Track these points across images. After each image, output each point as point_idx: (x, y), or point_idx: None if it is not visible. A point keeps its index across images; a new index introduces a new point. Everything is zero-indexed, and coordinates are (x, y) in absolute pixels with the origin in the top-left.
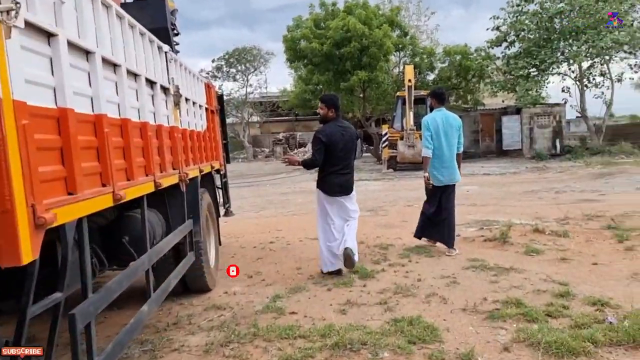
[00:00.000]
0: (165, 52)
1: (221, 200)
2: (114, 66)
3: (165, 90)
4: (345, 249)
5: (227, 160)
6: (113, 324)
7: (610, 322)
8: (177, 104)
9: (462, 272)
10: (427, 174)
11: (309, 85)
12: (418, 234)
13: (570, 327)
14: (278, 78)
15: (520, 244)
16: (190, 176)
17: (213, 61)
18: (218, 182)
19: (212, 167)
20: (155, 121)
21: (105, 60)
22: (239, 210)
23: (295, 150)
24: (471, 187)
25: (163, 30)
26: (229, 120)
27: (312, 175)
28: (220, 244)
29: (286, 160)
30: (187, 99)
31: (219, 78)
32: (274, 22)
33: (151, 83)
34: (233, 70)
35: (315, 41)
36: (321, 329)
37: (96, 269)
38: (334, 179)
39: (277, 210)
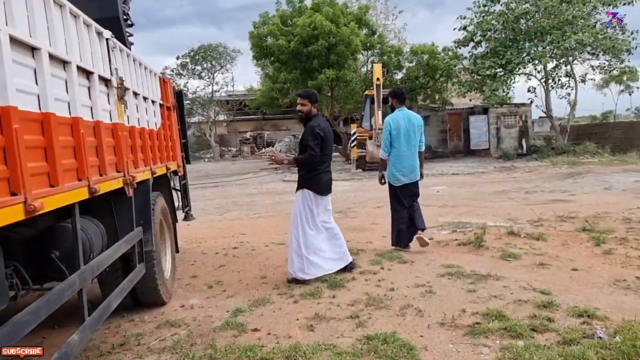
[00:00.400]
0: (107, 39)
1: (180, 203)
2: (32, 49)
3: (106, 82)
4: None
5: (187, 160)
6: (53, 346)
7: (600, 338)
8: (121, 98)
9: (438, 280)
10: (381, 174)
11: (276, 83)
12: (396, 244)
13: (558, 344)
14: (245, 77)
15: (495, 248)
16: (140, 179)
17: (178, 58)
18: (177, 184)
19: (168, 169)
20: (92, 117)
21: (16, 41)
22: (202, 213)
23: (263, 150)
24: (441, 188)
25: (114, 20)
26: (194, 119)
27: (279, 175)
28: (177, 251)
29: (272, 158)
30: (136, 94)
31: (184, 76)
32: (241, 20)
33: (86, 73)
34: (199, 67)
35: (282, 38)
36: (286, 349)
37: (18, 290)
38: (325, 176)
39: (243, 212)
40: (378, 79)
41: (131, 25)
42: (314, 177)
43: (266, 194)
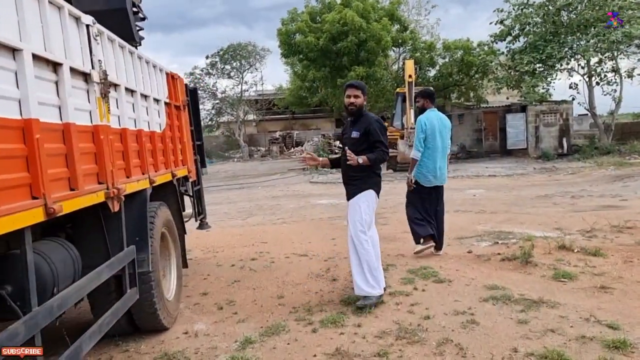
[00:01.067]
0: (87, 26)
1: (194, 211)
2: None
3: (85, 76)
4: None
5: (203, 164)
6: None
7: None
8: (105, 96)
9: (481, 306)
10: (412, 176)
11: (304, 81)
12: (417, 240)
13: None
14: (274, 76)
15: (545, 265)
16: (133, 189)
17: (207, 57)
18: (190, 190)
19: (174, 175)
20: (61, 118)
21: None
22: (224, 217)
23: (292, 149)
24: (477, 191)
25: (121, 12)
26: (223, 119)
27: (306, 176)
28: (186, 266)
29: (349, 158)
30: (132, 91)
31: (213, 75)
32: (272, 20)
33: (51, 64)
34: (228, 67)
35: (310, 35)
36: None
37: None
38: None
39: (266, 217)
40: (410, 76)
41: (143, 19)
42: (377, 176)
43: (292, 197)
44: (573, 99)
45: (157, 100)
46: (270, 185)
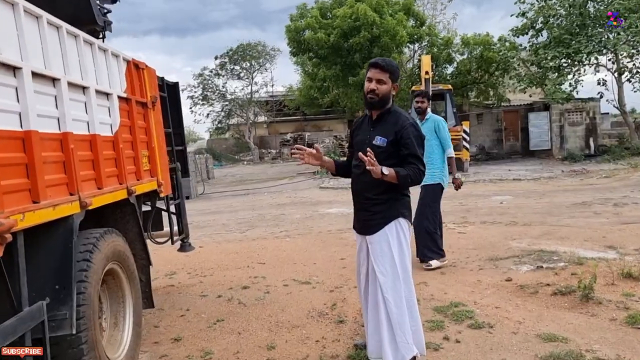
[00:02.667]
0: None
1: (170, 229)
2: None
3: None
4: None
5: (186, 173)
6: None
7: None
8: None
9: None
10: (459, 175)
11: (315, 81)
12: (440, 256)
13: None
14: (286, 77)
15: (612, 302)
16: (40, 220)
17: (216, 58)
18: (171, 206)
19: (130, 192)
20: None
21: None
22: (221, 230)
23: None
24: (504, 198)
25: None
26: (233, 121)
27: (316, 181)
28: (152, 306)
29: (372, 167)
30: (50, 78)
31: (223, 76)
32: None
33: None
34: (237, 67)
35: (321, 31)
36: None
37: None
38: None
39: (268, 229)
40: (427, 73)
41: (114, 1)
42: (406, 197)
43: (299, 205)
44: (601, 97)
45: (105, 94)
46: (277, 191)
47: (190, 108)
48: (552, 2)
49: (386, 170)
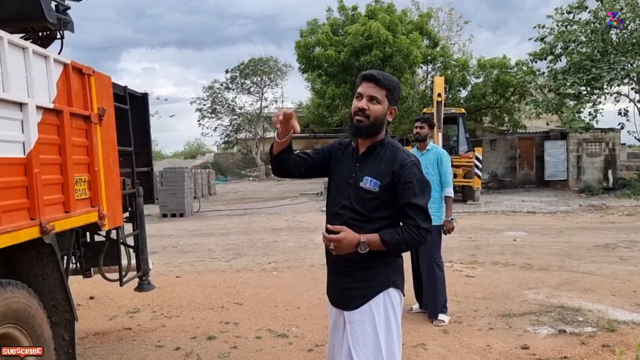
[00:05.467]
0: None
1: (127, 266)
2: None
3: None
4: None
5: (151, 198)
6: None
7: None
8: None
9: None
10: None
11: (324, 99)
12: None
13: None
14: (296, 93)
15: None
16: None
17: (227, 72)
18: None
19: (45, 231)
20: None
21: None
22: (205, 258)
23: None
24: (517, 234)
25: None
26: (241, 135)
27: (318, 203)
28: None
29: (336, 240)
30: None
31: (232, 90)
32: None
33: None
34: (248, 82)
35: (331, 49)
36: None
37: None
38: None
39: (256, 259)
40: (439, 95)
41: None
42: (399, 260)
43: (295, 230)
44: (622, 127)
45: (14, 104)
46: (276, 212)
47: (199, 121)
48: (573, 28)
49: (364, 245)
